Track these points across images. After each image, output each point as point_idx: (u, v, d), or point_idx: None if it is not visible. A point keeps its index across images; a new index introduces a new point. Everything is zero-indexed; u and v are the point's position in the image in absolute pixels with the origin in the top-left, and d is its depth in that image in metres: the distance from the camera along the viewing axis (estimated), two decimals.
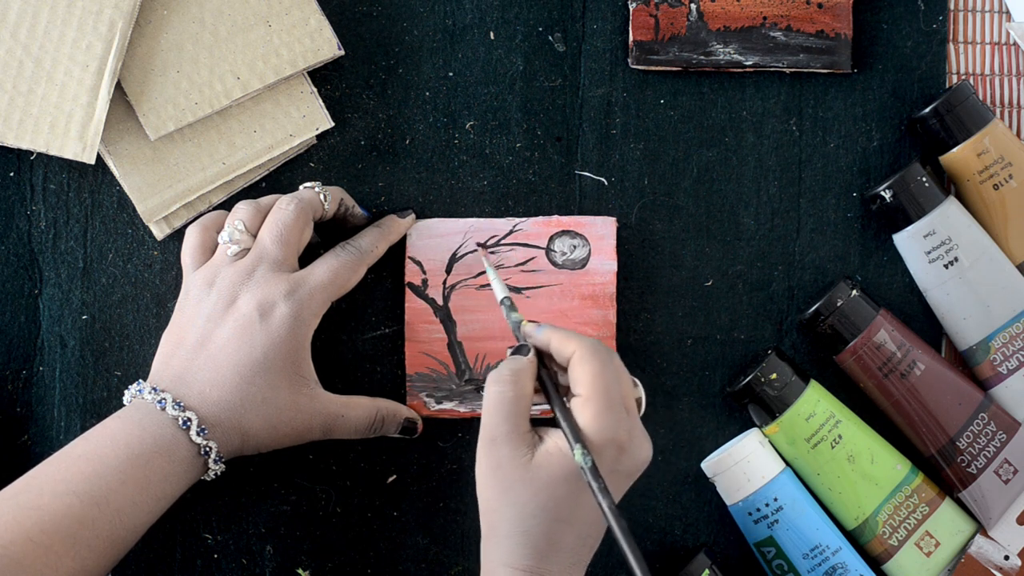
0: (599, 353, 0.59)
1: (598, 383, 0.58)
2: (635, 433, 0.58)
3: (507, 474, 0.57)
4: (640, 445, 0.59)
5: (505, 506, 0.58)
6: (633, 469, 0.59)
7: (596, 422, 0.57)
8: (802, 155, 0.72)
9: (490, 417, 0.59)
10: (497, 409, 0.58)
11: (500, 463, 0.58)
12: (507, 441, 0.58)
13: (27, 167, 0.71)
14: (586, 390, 0.58)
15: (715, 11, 0.70)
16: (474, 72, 0.71)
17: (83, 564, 0.57)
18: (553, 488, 0.57)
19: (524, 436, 0.58)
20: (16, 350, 0.71)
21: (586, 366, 0.58)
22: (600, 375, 0.58)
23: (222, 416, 0.62)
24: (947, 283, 0.69)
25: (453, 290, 0.70)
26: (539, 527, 0.57)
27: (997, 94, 0.72)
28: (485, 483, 0.59)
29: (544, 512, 0.57)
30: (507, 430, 0.58)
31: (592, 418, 0.57)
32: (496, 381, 0.59)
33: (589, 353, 0.58)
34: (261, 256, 0.64)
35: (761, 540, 0.68)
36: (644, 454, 0.59)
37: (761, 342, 0.71)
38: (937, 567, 0.69)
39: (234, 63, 0.69)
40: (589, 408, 0.57)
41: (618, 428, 0.57)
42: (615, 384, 0.58)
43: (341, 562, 0.71)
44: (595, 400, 0.57)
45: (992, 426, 0.69)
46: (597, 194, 0.71)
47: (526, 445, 0.58)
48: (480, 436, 0.59)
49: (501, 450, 0.58)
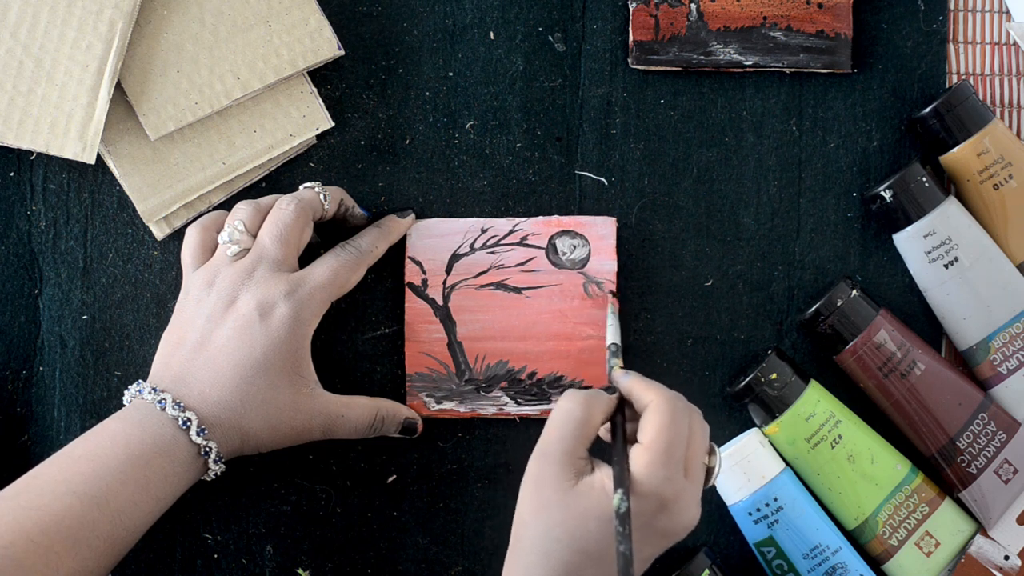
0: (674, 407, 0.58)
1: (662, 434, 0.57)
2: (684, 495, 0.57)
3: (546, 492, 0.57)
4: (685, 509, 0.57)
5: (536, 522, 0.57)
6: (670, 530, 0.57)
7: (646, 470, 0.56)
8: (802, 155, 0.72)
9: (550, 431, 0.58)
10: (559, 426, 0.58)
11: (544, 479, 0.57)
12: (558, 460, 0.57)
13: (27, 167, 0.71)
14: (647, 439, 0.57)
15: (715, 11, 0.70)
16: (474, 72, 0.71)
17: (83, 564, 0.57)
18: (585, 520, 0.56)
19: (576, 461, 0.57)
20: (16, 350, 0.71)
21: (655, 416, 0.57)
22: (667, 427, 0.57)
23: (222, 416, 0.62)
24: (947, 283, 0.69)
25: (453, 290, 0.70)
26: (562, 553, 0.56)
27: (997, 94, 0.72)
28: (525, 494, 0.58)
29: (571, 540, 0.56)
30: (562, 449, 0.57)
31: (644, 466, 0.56)
32: (570, 399, 0.59)
33: (663, 404, 0.58)
34: (261, 256, 0.64)
35: (761, 540, 0.68)
36: (687, 520, 0.57)
37: (761, 342, 0.71)
38: (937, 567, 0.69)
39: (234, 63, 0.69)
40: (644, 456, 0.56)
41: (666, 484, 0.56)
42: (680, 441, 0.57)
43: (341, 562, 0.71)
44: (652, 450, 0.56)
45: (992, 426, 0.69)
46: (597, 194, 0.71)
47: (574, 470, 0.57)
48: (536, 447, 0.58)
49: (550, 466, 0.57)
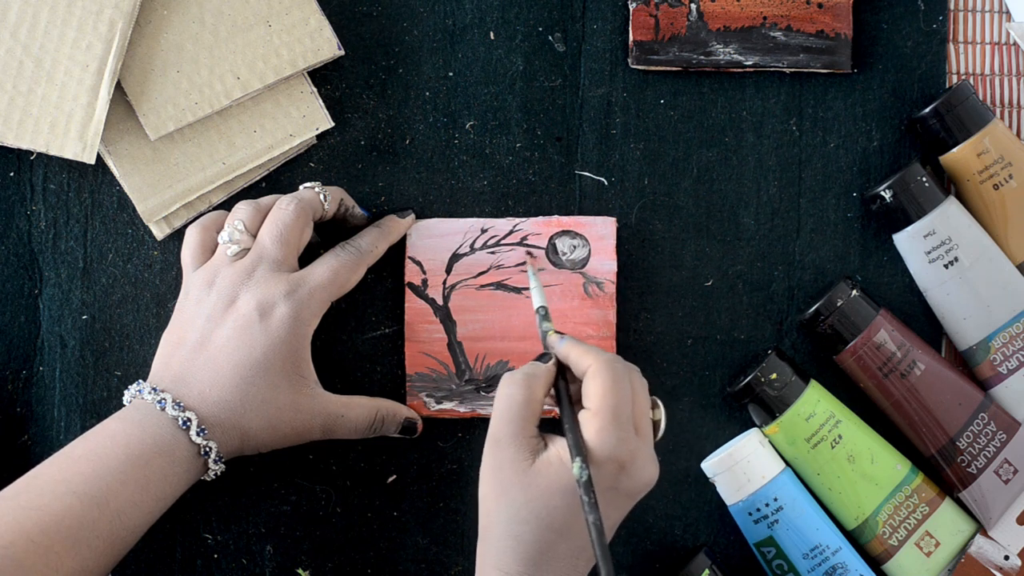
0: (614, 369, 0.58)
1: (607, 399, 0.57)
2: (640, 454, 0.57)
3: (506, 476, 0.57)
4: (643, 467, 0.58)
5: (500, 508, 0.57)
6: (632, 490, 0.58)
7: (598, 436, 0.56)
8: (802, 155, 0.72)
9: (497, 418, 0.58)
10: (505, 410, 0.58)
11: (501, 465, 0.58)
12: (510, 443, 0.58)
13: (27, 167, 0.71)
14: (594, 404, 0.57)
15: (715, 11, 0.70)
16: (474, 72, 0.71)
17: (83, 564, 0.57)
18: (548, 497, 0.57)
19: (528, 441, 0.58)
20: (16, 350, 0.71)
21: (598, 380, 0.58)
22: (610, 391, 0.57)
23: (222, 416, 0.62)
24: (947, 283, 0.69)
25: (453, 290, 0.70)
26: (531, 533, 0.57)
27: (997, 94, 0.72)
28: (485, 483, 0.58)
29: (537, 519, 0.57)
30: (511, 432, 0.58)
31: (595, 432, 0.57)
32: (508, 383, 0.59)
33: (603, 368, 0.58)
34: (261, 256, 0.64)
35: (761, 540, 0.68)
36: (646, 476, 0.58)
37: (761, 342, 0.71)
38: (937, 567, 0.69)
39: (234, 63, 0.69)
40: (594, 422, 0.57)
41: (620, 446, 0.56)
42: (625, 402, 0.57)
43: (341, 562, 0.71)
44: (601, 415, 0.57)
45: (992, 426, 0.69)
46: (597, 194, 0.71)
47: (528, 450, 0.58)
48: (487, 436, 0.59)
49: (503, 452, 0.58)
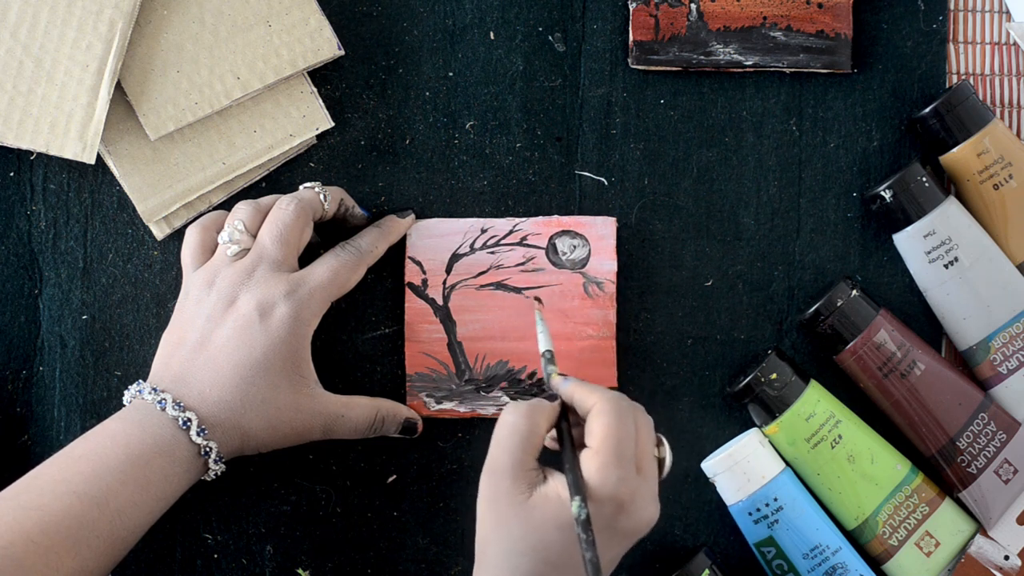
0: (618, 407, 0.57)
1: (609, 437, 0.57)
2: (640, 493, 0.57)
3: (503, 508, 0.57)
4: (643, 507, 0.57)
5: (497, 539, 0.57)
6: (631, 530, 0.57)
7: (599, 474, 0.56)
8: (802, 155, 0.72)
9: (497, 446, 0.58)
10: (505, 439, 0.58)
11: (498, 495, 0.57)
12: (508, 474, 0.57)
13: (27, 167, 0.71)
14: (596, 442, 0.57)
15: (715, 11, 0.70)
16: (474, 72, 0.71)
17: (83, 564, 0.57)
18: (545, 532, 0.56)
19: (526, 473, 0.57)
20: (16, 350, 0.71)
21: (601, 418, 0.57)
22: (613, 429, 0.57)
23: (222, 416, 0.62)
24: (947, 283, 0.69)
25: (453, 290, 0.70)
26: (527, 566, 0.56)
27: (997, 94, 0.72)
28: (482, 512, 0.58)
29: (534, 553, 0.56)
30: (510, 463, 0.57)
31: (596, 470, 0.56)
32: (512, 412, 0.58)
33: (607, 406, 0.57)
34: (261, 256, 0.64)
35: (761, 540, 0.68)
36: (646, 516, 0.57)
37: (761, 342, 0.71)
38: (937, 567, 0.69)
39: (234, 63, 0.69)
40: (596, 460, 0.56)
41: (621, 485, 0.56)
42: (628, 440, 0.57)
43: (341, 562, 0.71)
44: (603, 453, 0.56)
45: (992, 426, 0.69)
46: (597, 194, 0.71)
47: (526, 483, 0.57)
48: (485, 464, 0.58)
49: (501, 482, 0.57)
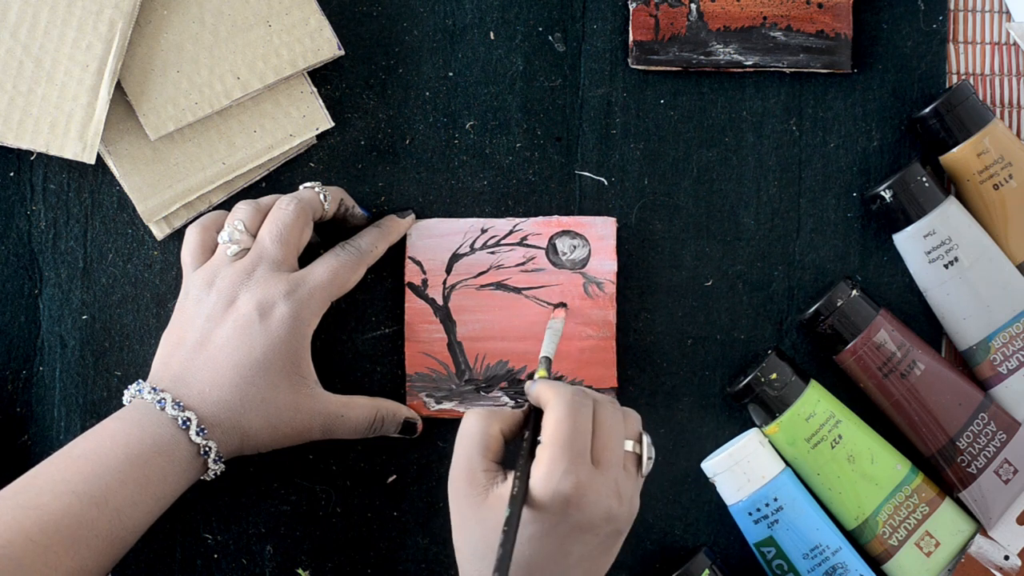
0: (569, 402, 0.56)
1: (558, 432, 0.55)
2: (594, 487, 0.55)
3: (462, 510, 0.57)
4: (596, 501, 0.55)
5: (461, 542, 0.57)
6: (587, 524, 0.55)
7: (544, 468, 0.55)
8: (802, 155, 0.72)
9: (455, 451, 0.58)
10: (460, 444, 0.58)
11: (458, 497, 0.57)
12: (464, 478, 0.57)
13: (27, 167, 0.71)
14: (546, 437, 0.56)
15: (715, 11, 0.70)
16: (474, 72, 0.71)
17: (83, 564, 0.57)
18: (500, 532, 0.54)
19: (482, 475, 0.57)
20: (16, 350, 0.71)
21: (551, 413, 0.56)
22: (563, 423, 0.55)
23: (222, 416, 0.62)
24: (947, 283, 0.69)
25: (453, 290, 0.70)
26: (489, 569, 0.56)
27: (997, 94, 0.72)
28: (451, 514, 0.58)
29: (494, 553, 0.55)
30: (467, 467, 0.57)
31: (543, 464, 0.55)
32: (467, 416, 0.58)
33: (557, 400, 0.56)
34: (261, 256, 0.64)
35: (761, 540, 0.68)
36: (600, 510, 0.55)
37: (761, 342, 0.71)
38: (937, 567, 0.69)
39: (234, 63, 0.69)
40: (543, 454, 0.55)
41: (567, 478, 0.54)
42: (579, 434, 0.55)
43: (341, 562, 0.71)
44: (550, 447, 0.55)
45: (992, 426, 0.69)
46: (597, 194, 0.71)
47: (481, 485, 0.56)
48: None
49: (459, 485, 0.57)
